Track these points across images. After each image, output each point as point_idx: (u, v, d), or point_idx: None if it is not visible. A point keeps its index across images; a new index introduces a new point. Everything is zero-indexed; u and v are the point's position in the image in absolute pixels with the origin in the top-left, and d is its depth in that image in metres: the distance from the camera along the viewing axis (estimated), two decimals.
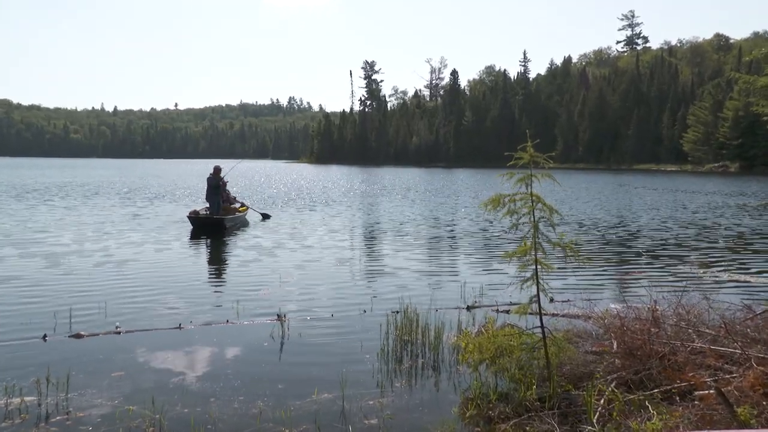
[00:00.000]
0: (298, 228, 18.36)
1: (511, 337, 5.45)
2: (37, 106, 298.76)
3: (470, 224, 19.90)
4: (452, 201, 30.81)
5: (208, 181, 18.56)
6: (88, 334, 7.12)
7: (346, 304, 8.85)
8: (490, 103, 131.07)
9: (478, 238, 16.63)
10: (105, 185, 41.82)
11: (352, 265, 12.29)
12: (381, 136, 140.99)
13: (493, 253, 13.83)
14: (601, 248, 14.75)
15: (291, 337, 7.26)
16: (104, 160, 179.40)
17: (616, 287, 10.19)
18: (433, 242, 15.89)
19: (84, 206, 24.36)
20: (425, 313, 7.52)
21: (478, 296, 9.26)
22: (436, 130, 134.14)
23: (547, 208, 5.24)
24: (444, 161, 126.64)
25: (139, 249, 13.71)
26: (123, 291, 9.46)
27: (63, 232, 16.24)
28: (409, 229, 18.58)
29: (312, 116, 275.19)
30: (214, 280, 10.88)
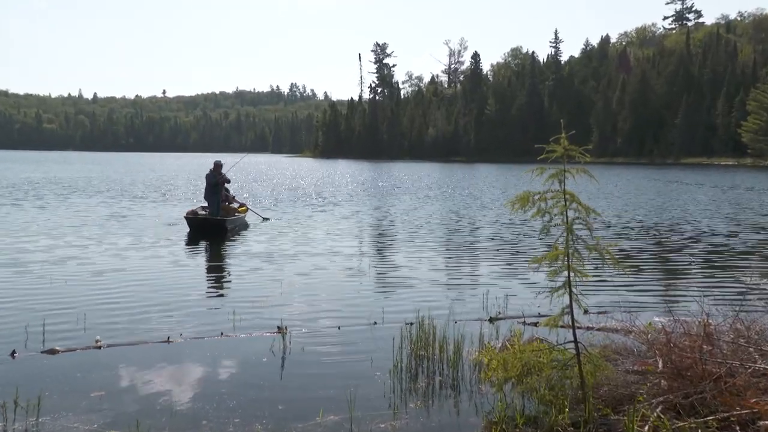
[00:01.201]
0: (302, 230, 18.40)
1: (540, 353, 5.43)
2: (5, 92, 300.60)
3: (494, 226, 19.85)
4: (473, 200, 30.75)
5: (207, 178, 18.64)
6: (64, 350, 7.15)
7: (355, 315, 8.85)
8: (516, 90, 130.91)
9: (503, 241, 16.58)
10: (83, 182, 42.10)
11: (361, 271, 12.28)
12: (393, 127, 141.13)
13: (520, 259, 13.78)
14: (644, 253, 14.67)
15: (293, 351, 7.27)
16: (82, 154, 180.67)
17: (661, 298, 10.12)
18: (452, 246, 15.86)
19: (59, 206, 24.53)
20: (443, 325, 7.51)
21: (503, 306, 9.23)
22: (455, 121, 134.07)
23: (583, 208, 5.21)
24: (464, 155, 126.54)
25: (122, 254, 13.79)
26: (104, 301, 9.51)
27: (35, 236, 16.31)
28: (425, 231, 18.57)
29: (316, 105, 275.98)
30: (208, 288, 10.92)
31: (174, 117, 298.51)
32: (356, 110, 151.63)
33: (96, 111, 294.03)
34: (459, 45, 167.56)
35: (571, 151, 5.24)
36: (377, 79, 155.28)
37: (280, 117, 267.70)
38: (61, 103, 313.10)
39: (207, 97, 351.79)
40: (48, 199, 27.62)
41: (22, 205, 24.83)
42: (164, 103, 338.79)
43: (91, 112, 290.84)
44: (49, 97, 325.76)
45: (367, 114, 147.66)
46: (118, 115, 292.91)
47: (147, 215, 21.81)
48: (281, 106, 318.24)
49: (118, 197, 29.71)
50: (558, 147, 5.27)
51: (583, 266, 5.27)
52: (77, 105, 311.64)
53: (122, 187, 37.88)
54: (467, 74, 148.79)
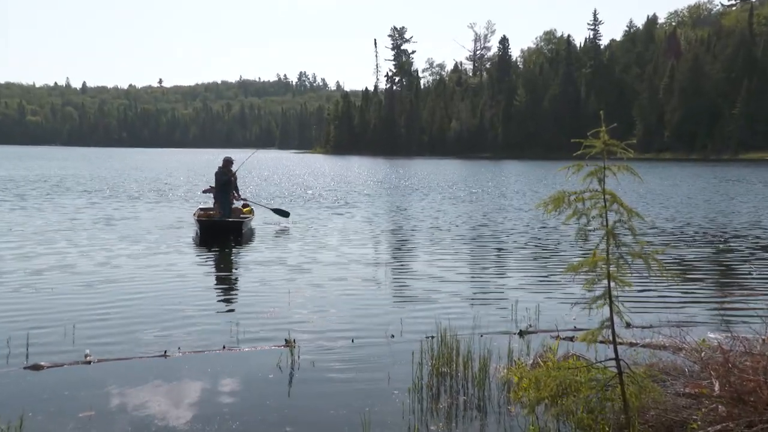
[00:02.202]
0: (313, 234, 18.45)
1: (576, 372, 5.39)
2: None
3: (524, 230, 19.79)
4: (501, 200, 30.69)
5: (217, 176, 18.74)
6: (50, 365, 7.18)
7: (370, 328, 8.85)
8: (549, 79, 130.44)
9: (534, 246, 16.52)
10: (71, 181, 42.51)
11: (377, 279, 12.28)
12: (412, 121, 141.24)
13: (553, 266, 13.73)
14: (697, 261, 14.55)
15: (302, 367, 7.28)
16: (70, 149, 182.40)
17: (716, 312, 10.00)
18: (477, 252, 15.83)
19: (44, 208, 24.74)
20: (467, 338, 7.48)
21: (534, 319, 9.20)
22: (481, 113, 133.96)
23: (625, 210, 5.17)
24: (490, 151, 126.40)
25: (115, 260, 13.89)
26: (94, 312, 9.56)
27: (17, 240, 16.43)
28: (447, 235, 18.54)
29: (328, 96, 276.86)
30: (209, 297, 10.96)
31: (171, 109, 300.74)
32: (371, 102, 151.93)
33: (85, 102, 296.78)
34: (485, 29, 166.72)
35: (612, 146, 5.21)
36: (394, 68, 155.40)
37: (287, 109, 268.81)
38: (47, 94, 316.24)
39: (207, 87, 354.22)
40: (32, 200, 27.90)
41: (2, 206, 25.09)
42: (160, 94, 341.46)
43: (79, 104, 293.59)
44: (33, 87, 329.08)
45: (384, 106, 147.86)
46: (109, 106, 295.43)
47: (143, 217, 21.97)
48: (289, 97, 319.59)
49: (110, 197, 29.97)
50: (597, 142, 5.24)
51: (626, 275, 5.23)
52: (64, 95, 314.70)
53: (115, 186, 38.19)
54: (494, 61, 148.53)
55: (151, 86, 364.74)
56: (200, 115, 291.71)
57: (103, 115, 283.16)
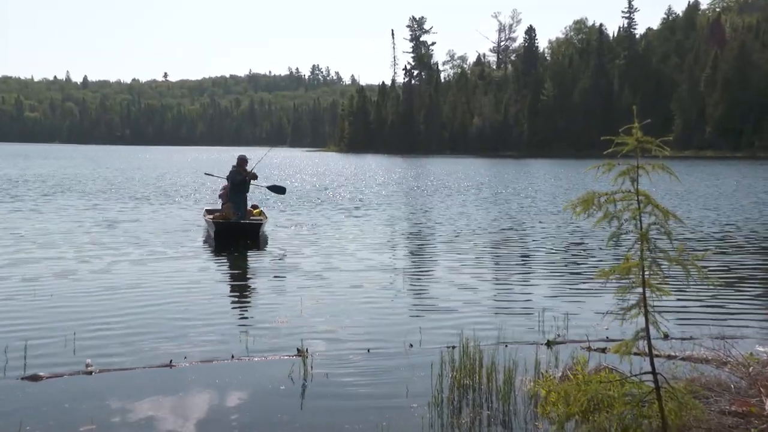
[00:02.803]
0: (327, 237, 18.48)
1: (609, 386, 5.36)
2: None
3: (551, 233, 19.74)
4: (527, 202, 30.61)
5: (231, 175, 18.84)
6: (49, 375, 7.23)
7: (388, 337, 8.85)
8: (580, 71, 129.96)
9: (562, 251, 16.47)
10: (72, 181, 42.82)
11: (395, 285, 12.28)
12: (432, 117, 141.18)
13: (583, 272, 13.68)
14: (743, 268, 14.39)
15: (315, 378, 7.29)
16: (70, 147, 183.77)
17: (765, 323, 9.90)
18: (502, 256, 15.80)
19: (43, 209, 24.91)
20: (491, 349, 7.47)
21: (562, 328, 9.16)
22: (505, 108, 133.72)
23: (661, 212, 5.14)
24: (515, 149, 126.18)
25: (118, 265, 13.97)
26: (96, 319, 9.62)
27: (14, 242, 16.57)
28: (469, 239, 18.52)
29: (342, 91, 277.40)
30: (217, 304, 10.98)
31: (177, 105, 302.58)
32: (388, 96, 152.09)
33: (86, 97, 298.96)
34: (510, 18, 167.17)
35: (646, 143, 5.18)
36: (413, 60, 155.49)
37: (299, 105, 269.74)
38: (46, 88, 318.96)
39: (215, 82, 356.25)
40: (29, 201, 28.09)
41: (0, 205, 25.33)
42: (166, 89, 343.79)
43: (80, 99, 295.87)
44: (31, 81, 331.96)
45: (401, 101, 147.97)
46: (112, 102, 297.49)
47: (148, 219, 22.10)
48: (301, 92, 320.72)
49: (113, 198, 30.16)
50: (630, 139, 5.21)
51: (663, 282, 5.19)
52: (64, 90, 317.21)
53: (118, 186, 38.44)
54: (520, 53, 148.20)
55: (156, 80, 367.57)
56: (207, 111, 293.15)
57: (105, 110, 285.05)
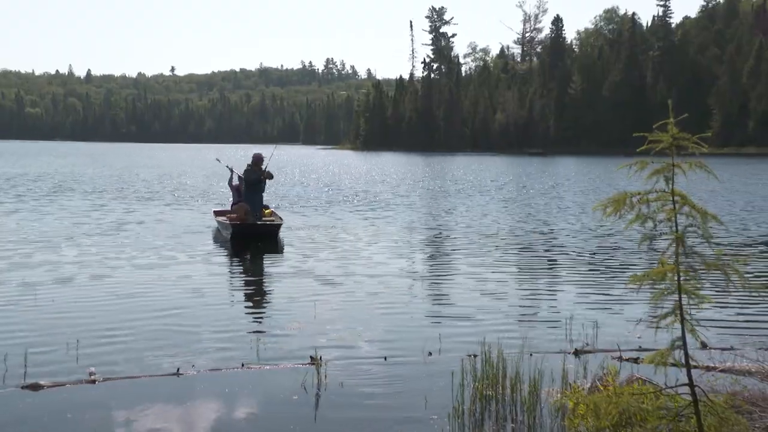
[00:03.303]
0: (342, 240, 18.52)
1: (643, 398, 5.31)
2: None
3: (580, 235, 19.68)
4: (553, 202, 30.53)
5: (246, 174, 18.94)
6: (51, 384, 7.27)
7: (405, 344, 8.85)
8: (610, 63, 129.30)
9: (592, 254, 16.41)
10: (75, 180, 43.11)
11: (414, 290, 12.30)
12: (452, 113, 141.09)
13: (614, 277, 13.61)
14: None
15: (329, 387, 7.30)
16: (73, 144, 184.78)
17: None
18: (527, 260, 15.77)
19: (44, 209, 25.09)
20: (515, 358, 7.43)
21: (591, 336, 9.12)
22: (530, 103, 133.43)
23: (698, 213, 5.09)
24: (540, 146, 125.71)
25: (123, 268, 14.05)
26: (100, 325, 9.67)
27: (15, 246, 16.62)
28: (492, 241, 18.49)
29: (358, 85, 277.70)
30: (226, 310, 11.03)
31: (185, 100, 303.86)
32: (406, 91, 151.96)
33: (90, 92, 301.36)
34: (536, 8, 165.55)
35: (682, 140, 5.13)
36: (432, 53, 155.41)
37: (313, 100, 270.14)
38: (47, 83, 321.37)
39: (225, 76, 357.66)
40: (31, 201, 28.30)
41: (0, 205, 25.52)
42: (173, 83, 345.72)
43: (83, 94, 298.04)
44: (32, 75, 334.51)
45: (420, 96, 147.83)
46: (116, 97, 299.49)
47: (154, 221, 22.20)
48: (315, 86, 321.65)
49: (118, 199, 30.34)
50: (664, 135, 5.17)
51: (700, 288, 5.15)
52: (67, 85, 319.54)
53: (123, 185, 38.67)
54: (546, 44, 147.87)
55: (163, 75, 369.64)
56: (217, 106, 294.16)
57: (109, 106, 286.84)
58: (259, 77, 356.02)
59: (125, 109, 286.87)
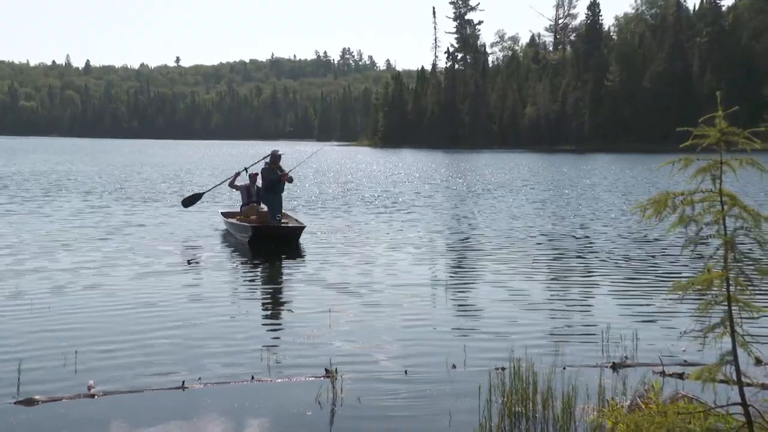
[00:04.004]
0: (360, 244, 18.57)
1: (689, 418, 5.27)
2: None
3: (617, 239, 19.62)
4: (588, 203, 30.43)
5: (263, 173, 19.03)
6: (46, 399, 7.30)
7: (427, 356, 8.86)
8: (652, 52, 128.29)
9: (630, 260, 16.34)
10: (73, 179, 43.41)
11: (437, 297, 12.31)
12: (478, 106, 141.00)
13: (655, 284, 13.56)
14: None
15: (346, 402, 7.31)
16: (71, 140, 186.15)
17: None
18: (560, 266, 15.72)
19: (40, 211, 25.20)
20: (547, 371, 7.41)
21: (631, 349, 9.09)
22: (563, 96, 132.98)
23: (750, 215, 5.05)
24: (574, 142, 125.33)
25: (125, 274, 14.12)
26: (99, 335, 9.73)
27: (9, 251, 16.67)
28: (522, 246, 18.46)
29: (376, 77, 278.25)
30: (236, 318, 11.04)
31: (191, 93, 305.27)
32: (428, 84, 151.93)
33: (89, 84, 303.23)
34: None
35: (732, 134, 5.09)
36: (457, 42, 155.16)
37: (328, 93, 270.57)
38: (43, 74, 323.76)
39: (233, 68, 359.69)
40: (25, 202, 28.49)
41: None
42: (178, 75, 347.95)
43: (82, 86, 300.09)
44: (26, 66, 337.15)
45: (443, 89, 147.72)
46: (117, 90, 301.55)
47: (159, 223, 22.33)
48: (330, 78, 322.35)
49: (119, 199, 30.53)
50: (711, 130, 5.13)
51: (753, 297, 5.10)
52: (64, 77, 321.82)
53: (125, 185, 38.90)
54: (581, 32, 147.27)
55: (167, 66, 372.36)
56: (225, 100, 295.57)
57: (110, 100, 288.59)
58: (270, 69, 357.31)
59: (126, 102, 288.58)
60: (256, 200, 19.96)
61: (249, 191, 20.14)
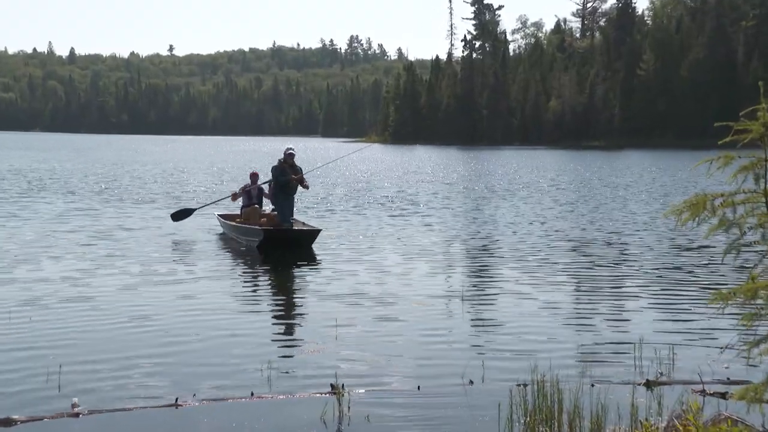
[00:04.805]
0: (370, 249, 18.63)
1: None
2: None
3: (650, 245, 19.60)
4: (618, 205, 30.43)
5: (274, 172, 19.06)
6: (26, 419, 7.29)
7: (441, 371, 8.87)
8: (691, 37, 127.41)
9: (664, 267, 16.32)
10: (56, 178, 43.52)
11: (453, 307, 12.31)
12: (498, 99, 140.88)
13: (693, 293, 13.51)
14: None
15: (353, 420, 7.33)
16: (53, 136, 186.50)
17: None
18: (588, 273, 15.70)
19: (20, 214, 25.22)
20: (574, 389, 7.39)
21: (666, 364, 9.07)
22: (591, 87, 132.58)
23: None
24: (603, 138, 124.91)
25: (113, 282, 14.14)
26: (86, 349, 9.74)
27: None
28: (547, 252, 18.46)
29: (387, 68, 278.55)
30: (233, 329, 11.03)
31: (185, 84, 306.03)
32: (444, 74, 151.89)
33: (74, 75, 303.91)
34: None
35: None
36: (474, 29, 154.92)
37: (334, 85, 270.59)
38: (23, 63, 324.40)
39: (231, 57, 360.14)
40: (3, 204, 28.49)
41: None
42: (171, 65, 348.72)
43: (66, 77, 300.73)
44: (4, 54, 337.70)
45: (460, 79, 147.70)
46: (105, 81, 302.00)
47: (150, 227, 22.39)
48: (336, 69, 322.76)
49: (108, 201, 30.63)
50: (754, 124, 5.11)
51: None
52: (46, 66, 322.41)
53: (113, 185, 39.00)
54: (612, 16, 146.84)
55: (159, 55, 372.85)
56: (222, 92, 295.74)
57: (97, 91, 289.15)
58: (272, 58, 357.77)
59: (115, 95, 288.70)
60: (257, 202, 20.00)
61: (249, 193, 20.19)
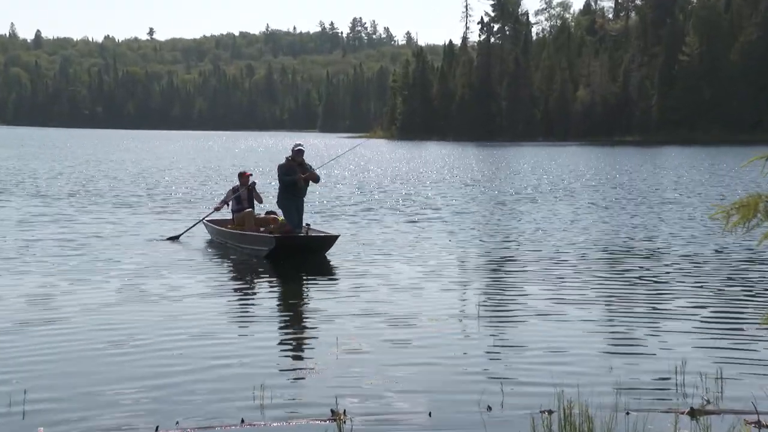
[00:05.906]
0: (377, 257, 18.73)
1: None
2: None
3: (694, 252, 19.59)
4: (656, 208, 30.40)
5: (280, 171, 19.16)
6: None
7: (456, 395, 8.90)
8: (743, 17, 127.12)
9: (710, 279, 16.31)
10: (22, 178, 43.62)
11: (468, 324, 12.34)
12: (519, 89, 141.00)
13: (742, 310, 13.54)
14: None
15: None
16: (18, 129, 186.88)
17: None
18: (622, 286, 15.69)
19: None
20: (607, 416, 7.41)
21: (713, 390, 9.07)
22: (625, 75, 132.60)
23: None
24: (639, 132, 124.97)
25: (85, 297, 14.16)
26: (55, 372, 9.75)
27: None
28: (575, 262, 18.44)
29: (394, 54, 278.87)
30: (224, 350, 11.04)
31: (167, 73, 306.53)
32: (458, 61, 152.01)
33: (40, 61, 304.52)
34: None
35: None
36: (493, 10, 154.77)
37: (335, 74, 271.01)
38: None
39: (220, 42, 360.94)
40: None
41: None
42: (152, 51, 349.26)
43: (31, 63, 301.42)
44: None
45: (476, 67, 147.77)
46: (76, 68, 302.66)
47: (129, 233, 22.37)
48: (337, 56, 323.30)
49: (82, 204, 30.69)
50: None
51: None
52: (8, 51, 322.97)
53: (87, 186, 39.05)
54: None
55: (138, 39, 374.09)
56: (209, 81, 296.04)
57: (67, 80, 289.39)
58: (265, 43, 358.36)
59: (88, 84, 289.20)
60: (249, 205, 20.05)
61: (239, 196, 20.22)
